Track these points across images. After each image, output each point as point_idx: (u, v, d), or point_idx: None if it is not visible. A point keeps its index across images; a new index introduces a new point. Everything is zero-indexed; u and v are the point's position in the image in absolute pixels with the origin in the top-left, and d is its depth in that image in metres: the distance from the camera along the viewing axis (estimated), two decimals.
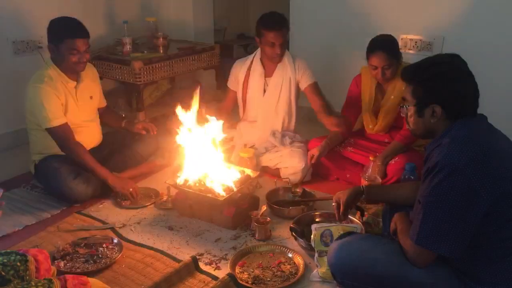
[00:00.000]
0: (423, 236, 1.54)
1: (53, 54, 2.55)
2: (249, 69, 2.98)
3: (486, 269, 1.57)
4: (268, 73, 2.95)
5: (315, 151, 2.75)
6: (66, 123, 2.55)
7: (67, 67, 2.55)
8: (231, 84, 3.08)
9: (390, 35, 2.62)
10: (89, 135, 2.75)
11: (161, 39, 3.69)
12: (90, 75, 2.76)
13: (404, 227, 1.72)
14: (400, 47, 2.66)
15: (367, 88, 2.77)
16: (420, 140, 2.69)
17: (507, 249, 1.55)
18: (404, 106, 1.71)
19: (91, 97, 2.76)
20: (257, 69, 2.95)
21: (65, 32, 2.48)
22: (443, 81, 1.58)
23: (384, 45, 2.53)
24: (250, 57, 3.02)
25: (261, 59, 2.94)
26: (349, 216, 2.23)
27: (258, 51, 2.95)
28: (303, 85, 2.91)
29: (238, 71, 3.02)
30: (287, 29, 2.82)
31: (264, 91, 2.95)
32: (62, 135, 2.53)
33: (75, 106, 2.64)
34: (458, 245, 1.51)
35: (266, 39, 2.77)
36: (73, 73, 2.61)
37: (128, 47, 3.52)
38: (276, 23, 2.76)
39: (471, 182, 1.46)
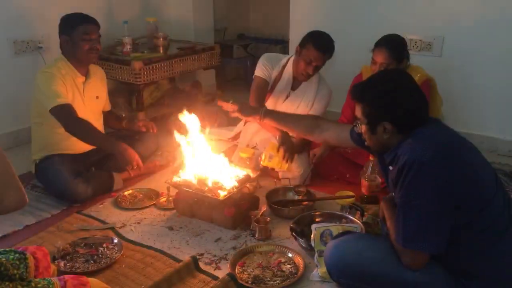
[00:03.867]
0: (409, 238, 1.56)
1: (66, 46, 2.59)
2: (282, 70, 2.90)
3: (471, 264, 1.59)
4: (294, 86, 2.90)
5: (316, 151, 2.75)
6: (70, 104, 2.54)
7: (80, 57, 2.58)
8: (263, 73, 2.89)
9: (400, 37, 2.61)
10: None
11: (161, 39, 3.69)
12: (98, 75, 2.80)
13: (390, 213, 1.74)
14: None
15: None
16: None
17: (485, 241, 1.56)
18: (357, 125, 1.75)
19: (97, 97, 2.78)
20: (287, 75, 2.87)
21: (77, 19, 2.57)
22: (389, 99, 1.62)
23: (390, 44, 2.55)
24: (283, 58, 2.93)
25: (292, 66, 2.85)
26: (349, 216, 2.23)
27: (292, 58, 2.87)
28: (311, 111, 2.89)
29: (273, 66, 2.90)
30: (329, 57, 2.74)
31: (285, 99, 2.92)
32: (66, 112, 2.52)
33: (81, 103, 2.65)
34: (440, 240, 1.54)
35: (307, 54, 2.68)
36: (85, 65, 2.65)
37: (128, 47, 3.53)
38: (325, 46, 2.68)
39: (438, 175, 1.49)
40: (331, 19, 3.65)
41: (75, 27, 2.55)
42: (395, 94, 1.62)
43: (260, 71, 2.88)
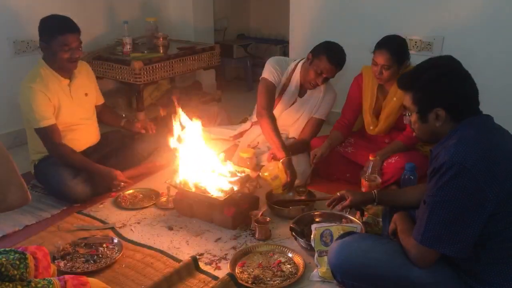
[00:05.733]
0: (428, 236, 1.53)
1: (45, 53, 2.55)
2: (290, 76, 2.89)
3: (490, 269, 1.56)
4: (301, 92, 2.91)
5: (317, 151, 2.75)
6: (54, 125, 2.54)
7: (59, 65, 2.54)
8: (272, 77, 2.84)
9: (401, 38, 2.60)
10: (86, 133, 2.75)
11: (161, 39, 3.69)
12: (83, 72, 2.74)
13: (404, 227, 1.72)
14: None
15: (368, 88, 2.77)
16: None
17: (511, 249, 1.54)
18: (407, 114, 1.69)
19: (86, 94, 2.74)
20: (295, 82, 2.87)
21: (55, 28, 2.48)
22: (441, 84, 1.57)
23: (391, 45, 2.53)
24: (290, 63, 2.92)
25: (300, 73, 2.85)
26: (349, 216, 2.23)
27: (301, 63, 2.87)
28: (315, 114, 2.92)
29: (282, 71, 2.87)
30: (340, 69, 2.76)
31: (290, 105, 2.93)
32: (48, 135, 2.53)
33: (70, 104, 2.63)
34: (463, 245, 1.50)
35: (319, 65, 2.69)
36: (66, 71, 2.60)
37: (128, 47, 3.53)
38: (339, 60, 2.70)
39: (478, 182, 1.45)
40: (331, 19, 3.65)
41: (53, 37, 2.47)
42: (449, 78, 1.56)
43: (269, 74, 2.83)
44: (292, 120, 2.94)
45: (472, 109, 1.59)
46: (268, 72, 2.84)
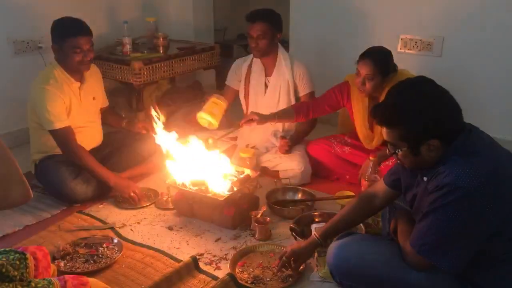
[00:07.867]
0: (426, 248, 1.53)
1: (57, 55, 2.55)
2: (250, 66, 3.00)
3: (487, 276, 1.56)
4: (268, 72, 2.96)
5: (255, 116, 2.71)
6: (69, 126, 2.55)
7: (72, 67, 2.55)
8: (230, 81, 3.11)
9: (385, 49, 2.55)
10: (90, 135, 2.76)
11: (161, 39, 3.69)
12: (93, 75, 2.76)
13: (405, 228, 1.71)
14: (400, 47, 2.63)
15: (359, 101, 2.70)
16: None
17: (510, 259, 1.54)
18: (396, 152, 1.57)
19: (94, 98, 2.76)
20: (257, 66, 2.97)
21: (67, 31, 2.49)
22: (429, 114, 1.46)
23: (374, 56, 2.48)
24: (251, 55, 3.03)
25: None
26: None
27: None
28: (301, 92, 2.96)
29: (239, 68, 3.05)
30: (267, 24, 2.80)
31: (265, 90, 2.96)
32: (65, 137, 2.53)
33: (79, 107, 2.64)
34: (460, 261, 1.50)
35: (247, 31, 2.86)
36: (78, 73, 2.61)
37: (128, 47, 3.53)
38: (251, 16, 2.83)
39: (481, 206, 1.43)
40: (332, 18, 3.65)
41: (65, 39, 2.47)
42: (435, 105, 1.47)
43: (228, 79, 3.12)
44: (273, 104, 2.93)
45: (461, 126, 1.53)
46: (228, 77, 3.13)
